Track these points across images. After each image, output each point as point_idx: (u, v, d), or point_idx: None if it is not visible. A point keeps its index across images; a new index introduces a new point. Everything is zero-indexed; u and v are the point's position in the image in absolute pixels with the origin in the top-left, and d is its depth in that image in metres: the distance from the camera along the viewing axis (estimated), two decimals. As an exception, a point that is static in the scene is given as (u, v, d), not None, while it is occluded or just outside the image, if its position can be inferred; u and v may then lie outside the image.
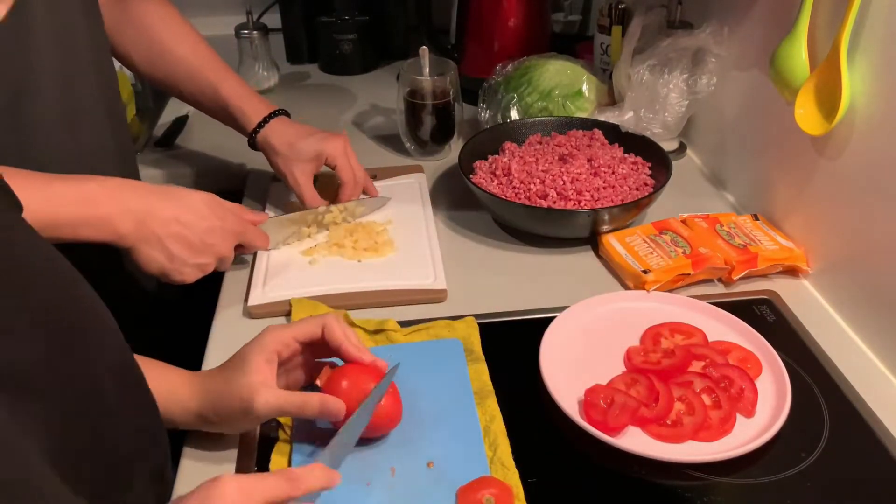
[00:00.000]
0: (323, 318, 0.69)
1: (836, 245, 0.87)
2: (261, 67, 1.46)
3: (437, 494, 0.64)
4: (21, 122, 0.75)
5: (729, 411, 0.71)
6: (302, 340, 0.68)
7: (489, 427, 0.70)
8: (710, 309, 0.85)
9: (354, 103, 1.45)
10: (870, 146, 0.79)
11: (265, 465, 0.67)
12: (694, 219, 0.98)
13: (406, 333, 0.82)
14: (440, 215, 1.07)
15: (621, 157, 1.07)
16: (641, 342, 0.81)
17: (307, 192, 1.00)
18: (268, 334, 0.67)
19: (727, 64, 1.08)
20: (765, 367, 0.77)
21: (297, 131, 1.01)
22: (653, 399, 0.72)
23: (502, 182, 1.02)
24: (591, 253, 0.99)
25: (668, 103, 1.12)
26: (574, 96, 1.19)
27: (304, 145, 0.99)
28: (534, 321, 0.84)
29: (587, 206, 0.97)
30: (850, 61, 0.79)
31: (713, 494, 0.66)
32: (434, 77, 1.16)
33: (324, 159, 1.00)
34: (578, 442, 0.70)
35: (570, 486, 0.67)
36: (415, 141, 1.21)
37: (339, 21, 1.54)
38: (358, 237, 0.98)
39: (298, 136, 1.00)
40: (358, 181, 1.02)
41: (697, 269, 0.89)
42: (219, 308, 0.90)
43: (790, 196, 0.95)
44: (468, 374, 0.77)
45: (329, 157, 1.00)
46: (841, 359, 0.80)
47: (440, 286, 0.90)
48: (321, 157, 1.00)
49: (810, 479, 0.67)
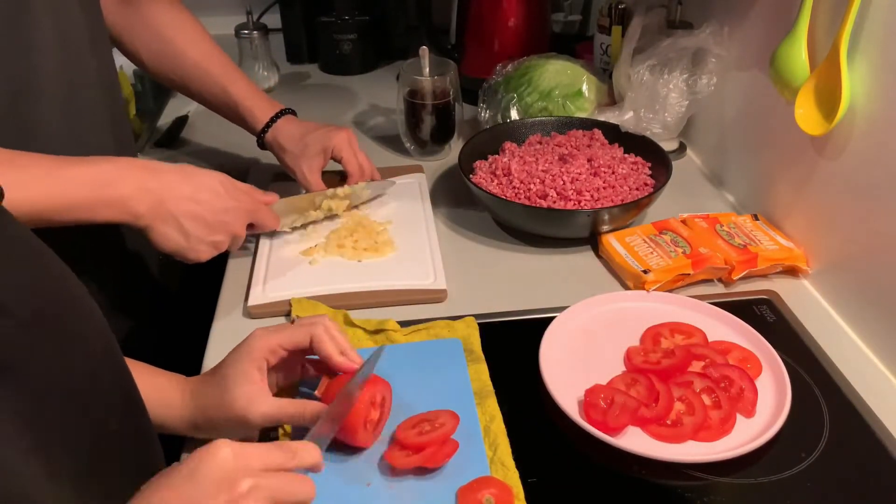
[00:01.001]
0: (311, 327, 0.67)
1: (836, 245, 0.87)
2: (261, 67, 1.46)
3: (437, 494, 0.64)
4: (23, 121, 0.76)
5: (729, 411, 0.71)
6: (288, 349, 0.67)
7: (489, 427, 0.70)
8: (710, 309, 0.85)
9: (354, 103, 1.45)
10: (870, 146, 0.79)
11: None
12: (694, 219, 0.98)
13: (406, 333, 0.82)
14: (440, 215, 1.07)
15: (621, 157, 1.07)
16: (641, 342, 0.81)
17: (316, 187, 1.03)
18: (254, 341, 0.67)
19: (727, 64, 1.08)
20: (765, 367, 0.77)
21: (303, 128, 1.04)
22: (653, 399, 0.72)
23: (502, 182, 1.02)
24: (591, 253, 0.99)
25: (668, 103, 1.12)
26: (574, 96, 1.19)
27: (311, 140, 1.02)
28: (534, 321, 0.84)
29: (587, 206, 0.97)
30: (850, 61, 0.79)
31: (713, 494, 0.66)
32: (434, 77, 1.16)
33: (330, 153, 1.03)
34: (578, 442, 0.70)
35: (570, 486, 0.67)
36: (415, 141, 1.21)
37: (339, 21, 1.54)
38: (358, 237, 0.98)
39: (305, 132, 1.03)
40: (365, 171, 1.05)
41: (697, 269, 0.89)
42: (219, 308, 0.90)
43: (790, 196, 0.95)
44: (468, 374, 0.77)
45: (335, 150, 1.03)
46: (841, 359, 0.80)
47: (440, 286, 0.90)
48: (327, 151, 1.03)
49: (810, 479, 0.67)
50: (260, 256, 0.96)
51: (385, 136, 1.30)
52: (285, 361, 0.69)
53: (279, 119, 1.04)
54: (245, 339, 0.68)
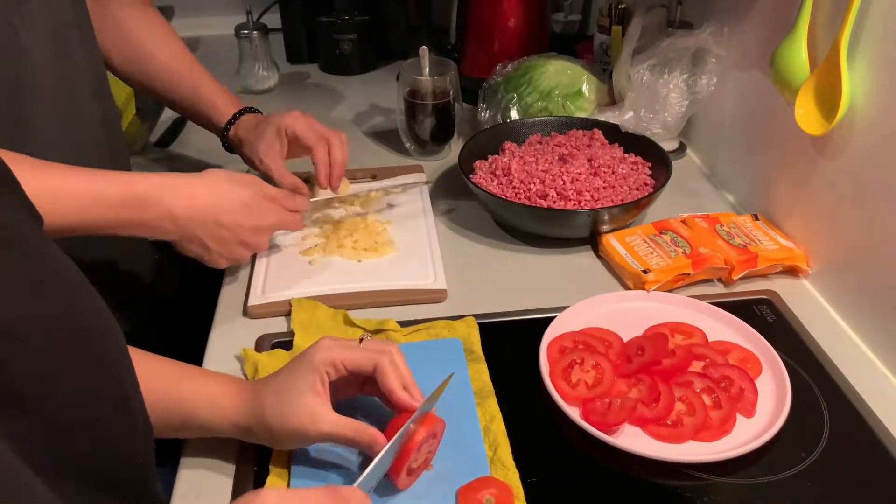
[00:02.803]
0: (378, 355, 0.65)
1: (836, 245, 0.87)
2: (261, 67, 1.46)
3: (437, 494, 0.64)
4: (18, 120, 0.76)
5: (729, 411, 0.71)
6: (350, 370, 0.65)
7: (489, 427, 0.70)
8: (710, 309, 0.85)
9: (354, 103, 1.45)
10: (870, 146, 0.79)
11: (263, 475, 0.67)
12: (694, 219, 0.98)
13: (406, 333, 0.82)
14: (440, 215, 1.07)
15: (621, 157, 1.07)
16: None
17: (276, 169, 0.98)
18: (317, 354, 0.64)
19: (727, 64, 1.08)
20: (765, 367, 0.77)
21: (259, 118, 1.03)
22: (653, 399, 0.72)
23: (502, 182, 1.02)
24: (591, 253, 0.99)
25: (668, 103, 1.12)
26: (574, 96, 1.19)
27: (264, 125, 1.00)
28: (534, 321, 0.84)
29: (587, 206, 0.97)
30: (850, 61, 0.79)
31: (713, 494, 0.66)
32: (434, 77, 1.16)
33: (284, 133, 0.98)
34: (578, 442, 0.70)
35: (570, 486, 0.67)
36: (415, 141, 1.21)
37: (339, 21, 1.54)
38: (358, 237, 0.98)
39: (260, 121, 1.02)
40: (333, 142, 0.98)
41: (697, 269, 0.89)
42: (219, 308, 0.90)
43: (790, 196, 0.95)
44: (468, 374, 0.77)
45: (288, 129, 0.98)
46: (841, 359, 0.80)
47: (440, 286, 0.90)
48: (281, 132, 0.98)
49: (810, 479, 0.67)
50: (260, 256, 0.96)
51: (385, 136, 1.30)
52: (344, 379, 0.66)
53: (242, 116, 1.03)
54: (309, 347, 0.65)
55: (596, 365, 0.76)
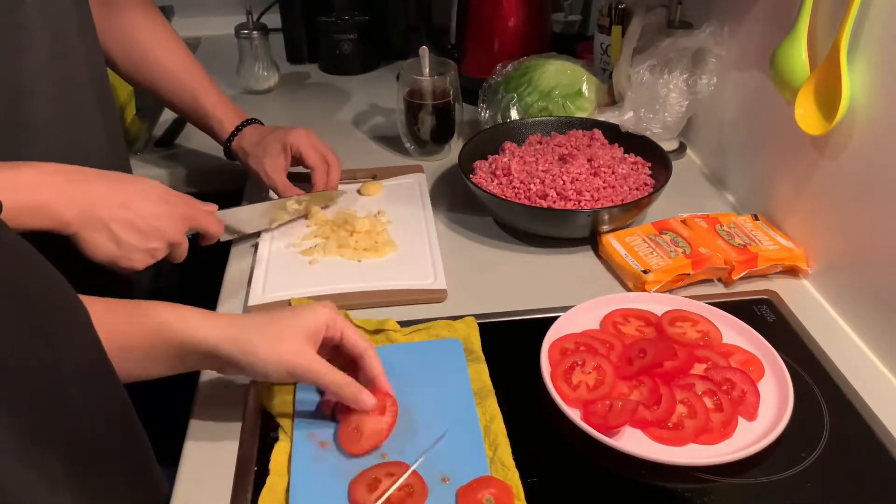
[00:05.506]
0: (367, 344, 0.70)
1: (836, 245, 0.87)
2: (261, 67, 1.46)
3: (437, 494, 0.64)
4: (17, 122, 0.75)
5: (731, 414, 0.71)
6: (343, 343, 0.70)
7: (489, 427, 0.70)
8: (710, 309, 0.85)
9: (354, 103, 1.45)
10: (870, 146, 0.79)
11: (265, 465, 0.67)
12: (694, 219, 0.98)
13: (406, 333, 0.82)
14: (440, 215, 1.07)
15: (621, 157, 1.07)
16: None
17: (280, 184, 1.03)
18: (322, 308, 0.68)
19: (727, 64, 1.08)
20: (766, 369, 0.77)
21: (264, 131, 1.06)
22: (655, 401, 0.72)
23: (502, 182, 1.02)
24: (591, 253, 0.99)
25: (668, 103, 1.12)
26: (574, 96, 1.19)
27: (270, 140, 1.03)
28: (534, 321, 0.84)
29: (587, 206, 0.97)
30: (850, 61, 0.79)
31: (713, 494, 0.65)
32: (434, 77, 1.16)
33: (289, 149, 1.03)
34: (579, 444, 0.70)
35: (570, 486, 0.67)
36: (415, 141, 1.21)
37: (339, 21, 1.54)
38: (358, 237, 0.98)
39: (265, 134, 1.05)
40: (332, 164, 1.05)
41: (697, 269, 0.89)
42: (219, 308, 0.90)
43: (790, 196, 0.95)
44: (468, 374, 0.77)
45: (293, 146, 1.03)
46: (841, 359, 0.80)
47: (440, 286, 0.90)
48: (286, 148, 1.03)
49: (810, 479, 0.67)
50: (260, 256, 0.96)
51: (385, 136, 1.30)
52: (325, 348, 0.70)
53: (244, 128, 1.05)
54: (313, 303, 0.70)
55: (597, 367, 0.76)
